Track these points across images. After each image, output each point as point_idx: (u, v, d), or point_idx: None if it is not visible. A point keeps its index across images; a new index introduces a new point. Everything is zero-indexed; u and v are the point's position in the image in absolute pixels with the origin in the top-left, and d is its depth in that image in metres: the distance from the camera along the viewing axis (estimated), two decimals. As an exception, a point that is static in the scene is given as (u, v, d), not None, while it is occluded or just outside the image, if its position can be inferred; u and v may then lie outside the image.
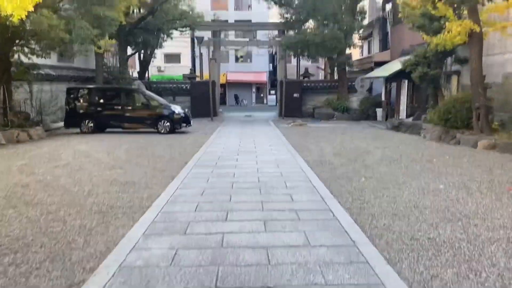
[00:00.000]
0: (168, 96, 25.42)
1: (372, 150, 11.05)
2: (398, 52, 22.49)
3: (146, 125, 15.71)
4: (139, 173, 8.11)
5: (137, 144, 12.55)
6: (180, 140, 13.73)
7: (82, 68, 22.81)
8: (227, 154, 10.50)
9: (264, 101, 44.39)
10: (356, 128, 17.86)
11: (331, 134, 15.34)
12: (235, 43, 26.85)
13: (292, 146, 11.94)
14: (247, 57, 43.57)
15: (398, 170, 8.21)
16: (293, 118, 23.35)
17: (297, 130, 16.99)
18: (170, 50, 40.06)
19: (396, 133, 15.72)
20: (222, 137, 14.61)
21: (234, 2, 42.25)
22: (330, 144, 12.58)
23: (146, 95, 15.99)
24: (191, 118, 16.67)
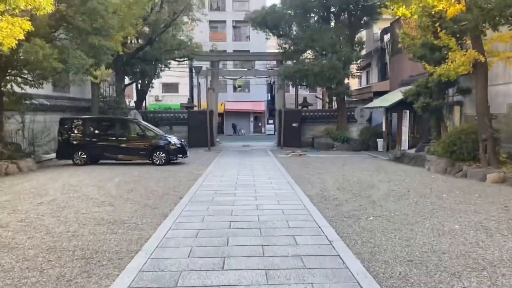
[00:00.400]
0: (165, 126, 25.11)
1: (377, 184, 10.54)
2: (397, 82, 22.36)
3: (141, 157, 15.21)
4: (129, 211, 7.55)
5: (130, 177, 12.01)
6: (175, 172, 13.21)
7: (77, 98, 22.55)
8: (224, 188, 9.97)
9: (262, 130, 44.13)
10: (357, 159, 17.40)
11: (332, 165, 14.87)
12: (233, 73, 26.75)
13: (292, 179, 11.43)
14: (245, 87, 43.61)
15: (407, 208, 7.68)
16: (292, 148, 22.93)
17: (296, 161, 16.52)
18: (168, 79, 40.11)
19: (398, 164, 15.26)
20: (219, 168, 14.10)
21: (232, 33, 42.66)
22: (332, 176, 12.07)
23: (141, 125, 15.58)
24: (188, 149, 16.19)
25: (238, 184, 10.61)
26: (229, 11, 42.03)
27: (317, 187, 10.10)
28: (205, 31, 37.81)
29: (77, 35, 13.50)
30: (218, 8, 42.62)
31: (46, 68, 11.52)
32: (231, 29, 42.59)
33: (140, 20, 20.04)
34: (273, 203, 8.14)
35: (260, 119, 44.67)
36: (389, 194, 9.11)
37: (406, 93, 16.35)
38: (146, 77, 25.24)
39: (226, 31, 42.42)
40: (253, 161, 16.48)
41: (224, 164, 15.59)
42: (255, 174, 12.54)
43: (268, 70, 27.29)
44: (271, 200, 8.43)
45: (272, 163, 15.83)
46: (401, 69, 22.21)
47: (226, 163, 15.95)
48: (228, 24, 42.23)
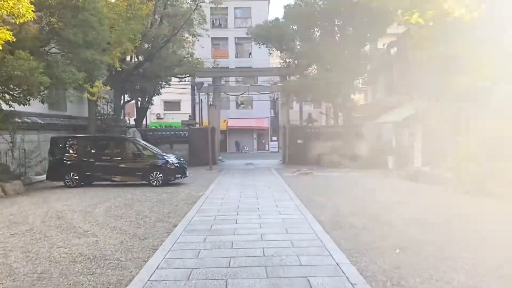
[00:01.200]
0: (166, 144, 24.18)
1: (396, 207, 9.45)
2: (406, 97, 21.40)
3: (137, 177, 14.20)
4: (114, 243, 6.52)
5: (123, 201, 10.98)
6: (172, 194, 12.17)
7: (74, 116, 21.69)
8: (225, 214, 8.91)
9: (266, 148, 43.11)
10: (367, 177, 16.31)
11: (342, 185, 13.79)
12: (236, 89, 25.97)
13: (300, 201, 10.36)
14: (248, 103, 42.82)
15: (437, 236, 6.59)
16: (298, 166, 21.84)
17: (303, 180, 15.45)
18: (169, 97, 39.48)
19: (413, 183, 14.15)
20: (220, 190, 13.06)
21: (234, 49, 42.11)
22: (344, 197, 11.00)
23: (137, 144, 14.61)
24: (187, 168, 15.18)
25: (241, 208, 9.55)
26: (231, 28, 41.56)
27: (329, 211, 9.02)
28: (207, 48, 37.24)
29: (68, 48, 12.66)
30: (220, 25, 42.18)
31: (32, 83, 10.64)
32: (233, 46, 42.05)
33: (139, 35, 19.34)
34: (280, 232, 7.07)
35: (263, 136, 43.72)
36: (411, 219, 8.02)
37: (419, 107, 15.38)
38: (146, 94, 24.46)
39: (228, 48, 41.88)
40: (257, 181, 15.43)
41: (225, 184, 14.55)
42: (259, 196, 11.47)
43: (271, 86, 26.46)
44: (278, 228, 7.37)
45: (277, 182, 14.77)
46: (410, 84, 21.28)
47: (228, 183, 14.92)
48: (230, 41, 41.72)
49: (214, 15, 41.57)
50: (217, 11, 41.25)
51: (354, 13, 20.44)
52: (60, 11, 12.84)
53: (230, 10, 41.31)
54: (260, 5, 40.60)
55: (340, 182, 14.78)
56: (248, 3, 41.07)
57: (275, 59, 42.15)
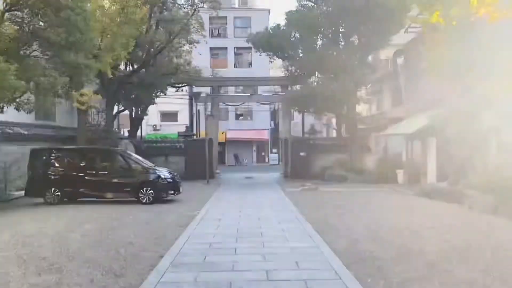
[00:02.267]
0: (160, 156, 22.87)
1: (421, 231, 8.12)
2: (415, 107, 20.22)
3: (126, 194, 12.84)
4: (81, 282, 5.17)
5: (106, 222, 9.64)
6: (163, 214, 10.82)
7: (63, 126, 20.40)
8: (222, 241, 7.57)
9: (265, 160, 41.77)
10: (379, 194, 15.00)
11: (353, 203, 12.45)
12: (235, 98, 24.79)
13: (309, 224, 9.03)
14: (248, 115, 41.62)
15: (486, 277, 5.25)
16: (300, 180, 20.52)
17: (308, 197, 14.11)
18: (166, 108, 38.24)
19: (430, 201, 12.83)
20: (217, 208, 11.71)
21: (234, 59, 41.06)
22: (358, 218, 9.68)
23: (126, 157, 13.26)
24: (181, 184, 13.81)
25: (241, 233, 8.20)
26: (230, 37, 40.58)
27: (345, 237, 7.69)
28: (205, 58, 36.22)
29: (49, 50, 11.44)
30: (219, 35, 41.22)
31: (3, 87, 9.38)
32: (233, 56, 41.02)
33: (132, 41, 18.17)
34: (290, 268, 5.73)
35: (263, 148, 42.43)
36: (446, 248, 6.69)
37: (433, 118, 14.15)
38: (141, 104, 23.16)
39: (228, 58, 40.84)
40: (258, 198, 14.09)
41: (224, 201, 13.19)
42: (262, 217, 10.12)
43: (272, 96, 25.27)
44: (287, 262, 6.02)
45: (281, 200, 13.43)
46: (419, 93, 20.12)
47: (226, 200, 13.56)
48: (229, 50, 40.70)
49: (213, 24, 40.62)
50: (216, 20, 40.37)
51: (359, 19, 19.37)
52: (42, 10, 11.65)
53: (230, 19, 40.40)
54: (260, 14, 39.67)
55: (350, 199, 13.44)
56: (248, 12, 40.22)
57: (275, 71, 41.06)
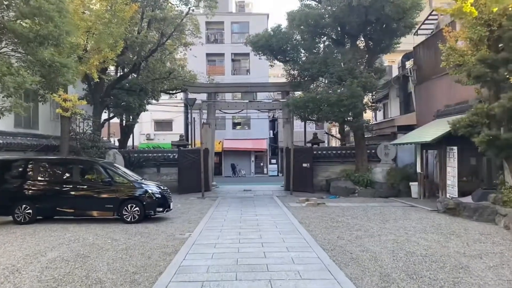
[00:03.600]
0: (151, 167, 21.23)
1: (467, 263, 6.49)
2: (427, 114, 18.75)
3: (107, 211, 11.15)
4: None
5: (78, 247, 7.95)
6: (148, 236, 9.14)
7: (45, 135, 18.71)
8: (218, 276, 5.91)
9: (264, 171, 40.13)
10: (394, 210, 13.37)
11: (369, 221, 10.81)
12: (232, 106, 23.19)
13: (323, 251, 7.40)
14: (245, 124, 40.08)
15: None
16: (303, 193, 18.94)
17: (316, 214, 12.45)
18: (161, 116, 36.77)
19: (456, 219, 11.22)
20: (212, 229, 10.04)
21: (231, 66, 39.63)
22: (381, 243, 8.04)
23: (108, 168, 11.57)
24: (171, 200, 12.11)
25: (241, 265, 6.54)
26: (227, 43, 39.19)
27: (372, 271, 6.05)
28: (201, 65, 34.80)
29: (18, 45, 9.85)
30: (216, 40, 39.85)
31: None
32: (230, 62, 39.61)
33: (121, 41, 16.65)
34: (312, 328, 4.08)
35: (261, 158, 40.81)
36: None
37: (456, 124, 12.57)
38: (131, 111, 21.52)
39: (225, 64, 39.42)
40: (259, 215, 12.41)
41: (219, 220, 11.50)
42: (266, 241, 8.46)
43: (272, 102, 23.70)
44: (307, 317, 4.37)
45: (285, 218, 11.75)
46: (431, 99, 18.65)
47: (222, 218, 11.88)
48: (226, 57, 39.28)
49: (210, 30, 39.33)
50: (212, 25, 39.11)
51: (366, 19, 17.93)
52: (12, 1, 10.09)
53: (227, 24, 39.09)
54: (259, 19, 38.37)
55: (363, 217, 11.79)
56: (245, 17, 38.91)
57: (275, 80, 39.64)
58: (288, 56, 20.38)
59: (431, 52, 18.92)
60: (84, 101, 16.98)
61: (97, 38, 15.96)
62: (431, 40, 19.22)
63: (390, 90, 24.99)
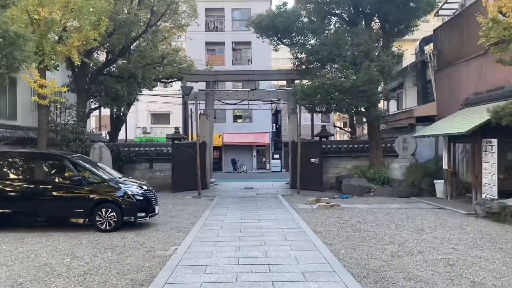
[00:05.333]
0: (144, 163, 19.20)
1: None
2: (450, 103, 16.65)
3: (76, 216, 9.08)
4: None
5: (20, 270, 5.91)
6: (120, 253, 7.09)
7: (24, 126, 16.67)
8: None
9: (267, 167, 38.04)
10: (422, 213, 11.30)
11: (399, 230, 8.73)
12: (232, 95, 21.10)
13: (354, 278, 5.34)
14: (247, 117, 37.95)
15: None
16: (312, 192, 16.92)
17: (331, 219, 10.38)
18: (158, 109, 34.74)
19: (504, 226, 9.18)
20: (205, 241, 7.99)
21: (232, 56, 37.39)
22: (427, 264, 5.98)
23: (78, 165, 9.48)
24: (157, 202, 10.02)
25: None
26: (228, 31, 36.95)
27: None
28: (200, 54, 32.62)
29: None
30: (216, 28, 37.59)
31: None
32: (231, 51, 37.38)
33: (104, 19, 14.54)
34: None
35: (264, 153, 38.70)
36: None
37: (499, 112, 10.47)
38: (121, 100, 19.36)
39: (225, 54, 37.19)
40: (264, 221, 10.33)
41: (215, 228, 9.42)
42: (274, 264, 6.36)
43: (276, 91, 21.55)
44: None
45: (295, 225, 9.67)
46: (456, 86, 16.51)
47: (219, 225, 9.80)
48: (227, 45, 37.04)
49: (209, 17, 37.12)
50: (212, 12, 36.94)
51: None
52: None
53: (227, 11, 36.84)
54: (261, 5, 35.89)
55: (389, 223, 9.71)
56: (247, 3, 36.59)
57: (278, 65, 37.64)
58: (295, 39, 18.22)
59: (455, 34, 16.76)
60: (64, 88, 14.90)
61: (77, 14, 13.88)
62: (455, 21, 17.07)
63: (405, 79, 22.83)
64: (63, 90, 14.86)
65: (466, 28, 15.72)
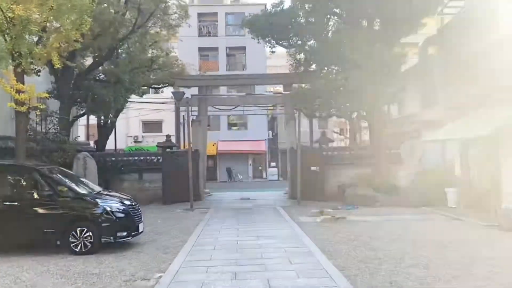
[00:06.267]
0: (132, 173, 17.94)
1: None
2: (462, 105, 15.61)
3: (47, 237, 7.86)
4: None
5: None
6: (92, 284, 5.88)
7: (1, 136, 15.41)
8: None
9: (263, 175, 36.83)
10: (439, 226, 10.20)
11: (420, 248, 7.57)
12: (227, 100, 20.03)
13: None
14: (242, 124, 36.83)
15: None
16: (313, 202, 15.79)
17: (340, 235, 9.21)
18: (150, 117, 33.49)
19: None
20: (196, 266, 6.81)
21: (226, 61, 36.32)
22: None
23: (50, 177, 8.26)
24: (141, 220, 8.78)
25: None
26: (221, 36, 35.95)
27: None
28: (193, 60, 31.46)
29: None
30: (209, 33, 36.56)
31: None
32: (225, 57, 36.34)
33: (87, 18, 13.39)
34: None
35: (260, 161, 37.51)
36: None
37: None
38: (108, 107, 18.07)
39: (219, 59, 36.15)
40: (263, 238, 9.14)
41: (208, 249, 8.21)
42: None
43: (273, 96, 20.49)
44: None
45: (299, 243, 8.49)
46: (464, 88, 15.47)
47: (212, 244, 8.59)
48: (221, 51, 36.02)
49: (202, 22, 36.14)
50: (205, 17, 36.00)
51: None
52: None
53: (221, 15, 35.90)
54: (256, 9, 34.90)
55: (407, 240, 8.55)
56: (241, 7, 35.72)
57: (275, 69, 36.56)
58: (292, 40, 17.18)
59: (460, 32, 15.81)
60: (44, 93, 13.72)
61: (56, 12, 12.75)
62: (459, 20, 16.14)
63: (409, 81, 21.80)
64: (43, 95, 13.71)
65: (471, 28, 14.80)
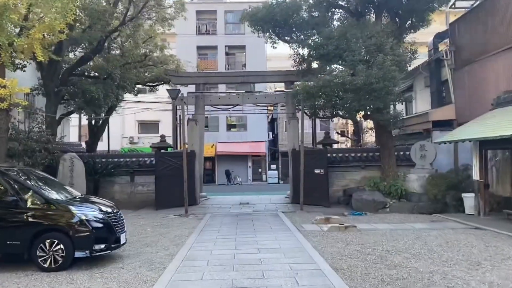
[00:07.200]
0: (124, 175, 16.83)
1: None
2: (472, 104, 14.61)
3: (11, 250, 6.74)
4: None
5: None
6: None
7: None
8: None
9: (263, 178, 35.71)
10: (461, 236, 9.06)
11: (445, 264, 6.45)
12: (225, 99, 18.95)
13: None
14: (241, 125, 35.74)
15: None
16: (317, 208, 14.75)
17: (352, 247, 8.09)
18: (146, 117, 32.38)
19: None
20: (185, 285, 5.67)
21: (225, 60, 35.28)
22: None
23: (16, 180, 7.12)
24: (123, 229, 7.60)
25: None
26: (221, 34, 34.90)
27: None
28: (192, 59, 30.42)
29: None
30: (208, 32, 35.53)
31: None
32: (224, 56, 35.28)
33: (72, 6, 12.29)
34: None
35: (260, 163, 36.40)
36: None
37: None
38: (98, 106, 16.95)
39: (218, 58, 35.09)
40: (264, 251, 8.00)
41: (200, 264, 7.07)
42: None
43: (274, 93, 19.38)
44: None
45: (306, 257, 7.35)
46: (480, 85, 14.43)
47: (205, 259, 7.46)
48: (220, 50, 34.97)
49: (201, 20, 35.10)
50: (204, 14, 34.96)
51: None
52: None
53: (220, 13, 34.87)
54: (256, 7, 34.16)
55: (430, 253, 7.42)
56: (241, 5, 34.44)
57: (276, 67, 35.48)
58: (295, 35, 16.09)
59: (477, 26, 14.75)
60: (26, 89, 12.64)
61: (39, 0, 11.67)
62: (477, 11, 15.07)
63: (415, 81, 20.76)
64: (25, 91, 12.63)
65: (492, 19, 13.72)
